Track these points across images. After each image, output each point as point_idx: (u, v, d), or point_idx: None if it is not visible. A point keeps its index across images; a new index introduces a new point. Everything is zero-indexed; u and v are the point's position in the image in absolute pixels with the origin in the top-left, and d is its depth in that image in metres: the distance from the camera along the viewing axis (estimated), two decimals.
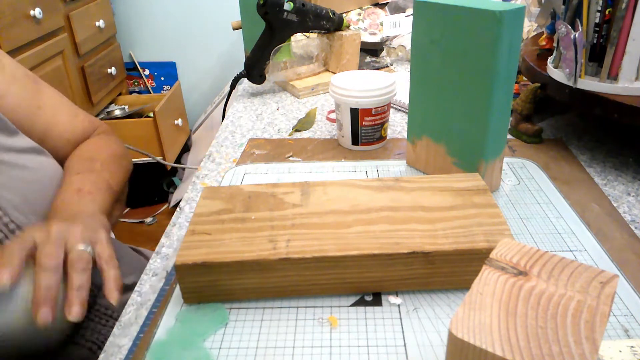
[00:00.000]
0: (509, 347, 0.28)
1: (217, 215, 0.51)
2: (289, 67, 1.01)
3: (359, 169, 0.70)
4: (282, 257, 0.45)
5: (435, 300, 0.47)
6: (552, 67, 0.72)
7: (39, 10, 1.64)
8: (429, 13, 0.58)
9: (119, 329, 0.47)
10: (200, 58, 2.55)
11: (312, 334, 0.44)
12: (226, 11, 2.40)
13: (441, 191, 0.53)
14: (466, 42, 0.55)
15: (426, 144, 0.66)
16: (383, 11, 1.31)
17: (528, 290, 0.32)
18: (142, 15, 2.46)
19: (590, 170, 0.68)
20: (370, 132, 0.73)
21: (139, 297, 0.50)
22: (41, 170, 0.64)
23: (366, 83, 0.71)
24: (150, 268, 0.54)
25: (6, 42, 1.48)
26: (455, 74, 0.58)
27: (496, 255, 0.35)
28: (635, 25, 0.61)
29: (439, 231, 0.47)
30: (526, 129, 0.75)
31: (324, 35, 1.03)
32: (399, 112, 0.89)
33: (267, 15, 0.91)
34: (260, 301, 0.48)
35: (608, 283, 0.32)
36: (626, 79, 0.64)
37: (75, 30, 1.93)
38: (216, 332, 0.44)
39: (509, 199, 0.62)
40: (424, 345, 0.42)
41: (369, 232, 0.47)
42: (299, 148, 0.77)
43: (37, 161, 0.64)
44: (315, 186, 0.56)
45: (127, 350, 0.44)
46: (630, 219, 0.57)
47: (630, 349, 0.38)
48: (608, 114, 0.64)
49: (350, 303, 0.47)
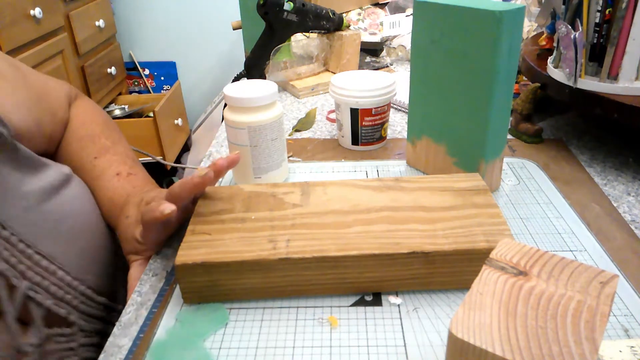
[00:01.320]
0: (509, 347, 0.28)
1: (217, 215, 0.51)
2: (289, 67, 1.01)
3: (359, 169, 0.70)
4: (282, 257, 0.45)
5: (435, 300, 0.47)
6: (552, 67, 0.72)
7: (39, 10, 1.64)
8: (429, 13, 0.58)
9: (119, 329, 0.47)
10: (200, 58, 2.55)
11: (312, 334, 0.44)
12: (226, 11, 2.40)
13: (441, 191, 0.53)
14: (466, 42, 0.55)
15: (426, 144, 0.66)
16: (383, 11, 1.31)
17: (528, 290, 0.32)
18: (142, 15, 2.46)
19: (590, 170, 0.68)
20: (370, 132, 0.73)
21: (139, 297, 0.50)
22: (71, 205, 0.59)
23: (366, 83, 0.71)
24: (150, 268, 0.54)
25: (6, 42, 1.48)
26: (455, 74, 0.58)
27: (496, 255, 0.35)
28: (635, 25, 0.61)
29: (439, 231, 0.47)
30: (526, 129, 0.75)
31: (324, 35, 1.03)
32: (399, 112, 0.89)
33: (267, 15, 0.91)
34: (260, 301, 0.48)
35: (608, 283, 0.32)
36: (626, 79, 0.64)
37: (75, 30, 1.93)
38: (216, 332, 0.44)
39: (509, 199, 0.62)
40: (424, 345, 0.42)
41: (369, 232, 0.47)
42: (299, 148, 0.77)
43: (68, 197, 0.58)
44: (315, 186, 0.56)
45: (127, 350, 0.44)
46: (630, 219, 0.57)
47: (630, 349, 0.38)
48: (608, 114, 0.64)
49: (350, 303, 0.47)
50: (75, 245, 0.57)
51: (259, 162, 0.63)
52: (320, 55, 1.05)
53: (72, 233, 0.57)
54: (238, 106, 0.60)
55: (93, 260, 0.60)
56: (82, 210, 0.60)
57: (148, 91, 2.60)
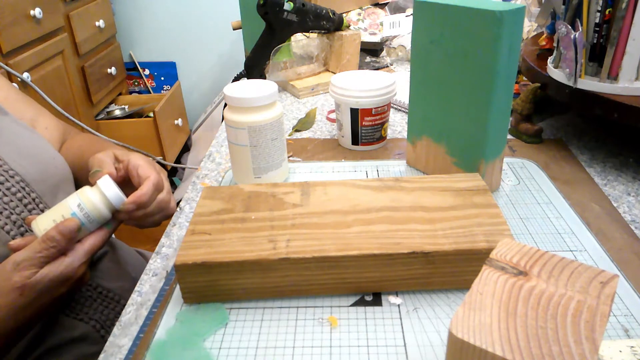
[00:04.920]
0: (509, 347, 0.28)
1: (217, 215, 0.51)
2: (289, 67, 1.01)
3: (359, 169, 0.70)
4: (282, 257, 0.45)
5: (435, 300, 0.47)
6: (552, 67, 0.72)
7: (39, 10, 1.64)
8: (429, 13, 0.58)
9: (119, 329, 0.47)
10: (200, 58, 2.55)
11: (312, 334, 0.44)
12: (226, 11, 2.39)
13: (441, 191, 0.53)
14: (466, 42, 0.55)
15: (426, 144, 0.66)
16: (383, 11, 1.31)
17: (528, 290, 0.32)
18: (142, 15, 2.46)
19: (590, 170, 0.68)
20: (370, 132, 0.73)
21: (139, 297, 0.50)
22: (32, 136, 0.66)
23: (366, 83, 0.71)
24: (150, 268, 0.54)
25: (6, 42, 1.48)
26: (455, 74, 0.58)
27: (496, 255, 0.35)
28: (635, 25, 0.61)
29: (439, 231, 0.47)
30: (526, 129, 0.75)
31: (324, 35, 1.03)
32: (399, 112, 0.89)
33: (267, 15, 0.91)
34: (260, 301, 0.48)
35: (608, 283, 0.32)
36: (626, 79, 0.64)
37: (75, 30, 1.93)
38: (216, 332, 0.44)
39: (509, 199, 0.62)
40: (424, 345, 0.42)
41: (369, 232, 0.47)
42: (299, 148, 0.77)
43: (27, 131, 0.67)
44: (315, 186, 0.56)
45: (127, 350, 0.44)
46: (630, 219, 0.57)
47: (630, 349, 0.38)
48: (608, 114, 0.64)
49: (350, 303, 0.47)
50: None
51: (259, 162, 0.63)
52: (320, 55, 1.05)
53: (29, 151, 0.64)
54: (238, 106, 0.60)
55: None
56: (40, 141, 0.67)
57: (148, 91, 2.60)
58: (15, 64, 1.48)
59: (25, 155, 0.62)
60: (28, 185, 0.60)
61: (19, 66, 1.49)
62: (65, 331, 0.61)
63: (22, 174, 0.60)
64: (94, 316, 0.64)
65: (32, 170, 0.61)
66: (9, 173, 0.59)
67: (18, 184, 0.59)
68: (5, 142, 0.61)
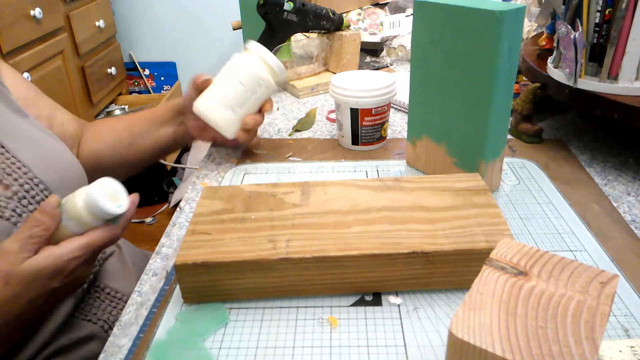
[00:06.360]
0: (509, 347, 0.28)
1: (217, 215, 0.51)
2: (289, 67, 1.01)
3: (359, 169, 0.70)
4: (282, 257, 0.45)
5: (435, 300, 0.47)
6: (552, 67, 0.72)
7: (39, 10, 1.64)
8: (429, 13, 0.58)
9: (119, 329, 0.47)
10: (200, 58, 2.55)
11: (312, 334, 0.44)
12: (226, 11, 2.40)
13: (441, 191, 0.53)
14: (466, 42, 0.55)
15: (426, 144, 0.66)
16: (383, 11, 1.31)
17: (528, 290, 0.32)
18: (142, 15, 2.46)
19: (590, 170, 0.68)
20: (370, 132, 0.73)
21: (139, 297, 0.50)
22: (52, 141, 0.66)
23: (366, 83, 0.71)
24: (150, 268, 0.54)
25: (6, 42, 1.48)
26: (455, 74, 0.58)
27: (496, 255, 0.35)
28: (635, 25, 0.61)
29: (439, 231, 0.47)
30: (526, 129, 0.75)
31: (324, 35, 1.03)
32: (399, 112, 0.89)
33: (267, 15, 0.91)
34: (260, 301, 0.48)
35: (608, 283, 0.32)
36: (626, 79, 0.64)
37: (75, 30, 1.93)
38: (216, 332, 0.44)
39: (509, 199, 0.62)
40: (424, 345, 0.42)
41: (369, 232, 0.47)
42: (299, 148, 0.77)
43: (47, 135, 0.67)
44: (315, 186, 0.56)
45: (127, 350, 0.44)
46: (630, 219, 0.57)
47: (630, 349, 0.38)
48: (608, 114, 0.64)
49: (350, 303, 0.47)
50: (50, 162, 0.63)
51: (220, 95, 0.67)
52: (320, 55, 1.05)
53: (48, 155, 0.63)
54: (264, 54, 0.68)
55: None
56: (57, 147, 0.66)
57: (148, 91, 2.60)
58: (15, 64, 1.48)
59: (46, 161, 0.61)
60: (51, 193, 0.59)
61: (19, 66, 1.49)
62: (74, 332, 0.61)
63: (45, 182, 0.59)
64: (102, 316, 0.64)
65: (54, 178, 0.61)
66: (34, 181, 0.58)
67: (42, 193, 0.58)
68: (27, 146, 0.60)
